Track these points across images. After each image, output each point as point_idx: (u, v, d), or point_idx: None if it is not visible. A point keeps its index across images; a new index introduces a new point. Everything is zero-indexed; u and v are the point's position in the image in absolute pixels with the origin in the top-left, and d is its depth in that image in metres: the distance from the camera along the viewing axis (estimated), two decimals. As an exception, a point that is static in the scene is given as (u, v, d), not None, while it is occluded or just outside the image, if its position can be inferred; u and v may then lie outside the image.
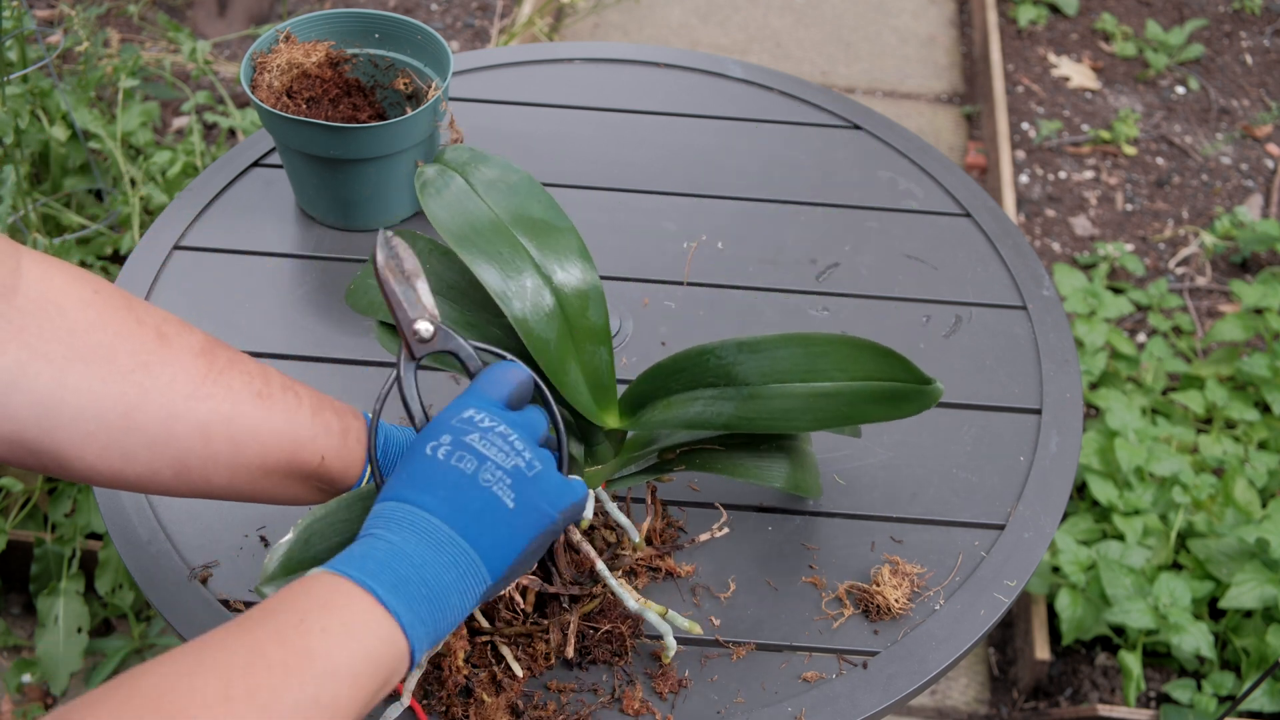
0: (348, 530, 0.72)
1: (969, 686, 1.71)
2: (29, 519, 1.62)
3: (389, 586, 0.61)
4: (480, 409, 0.70)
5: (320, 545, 0.71)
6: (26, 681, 1.63)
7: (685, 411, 0.81)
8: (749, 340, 0.81)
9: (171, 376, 0.69)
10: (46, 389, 0.65)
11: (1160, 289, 2.14)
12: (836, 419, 0.78)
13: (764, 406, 0.79)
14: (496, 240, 0.81)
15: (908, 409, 0.78)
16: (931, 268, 1.17)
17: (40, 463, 0.68)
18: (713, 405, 0.80)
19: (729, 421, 0.79)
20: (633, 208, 1.22)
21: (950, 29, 2.91)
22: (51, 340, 0.65)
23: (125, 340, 0.68)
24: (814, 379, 0.79)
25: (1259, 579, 1.54)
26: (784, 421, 0.78)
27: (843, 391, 0.79)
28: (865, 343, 0.79)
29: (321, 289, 1.12)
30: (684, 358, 0.82)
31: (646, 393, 0.83)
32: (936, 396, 0.78)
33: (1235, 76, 2.75)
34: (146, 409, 0.68)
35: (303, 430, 0.74)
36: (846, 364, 0.79)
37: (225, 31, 2.58)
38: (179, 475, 0.71)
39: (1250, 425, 1.85)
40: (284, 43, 1.15)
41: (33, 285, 0.66)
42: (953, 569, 0.91)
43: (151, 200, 1.84)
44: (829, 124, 1.33)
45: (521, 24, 2.54)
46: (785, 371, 0.80)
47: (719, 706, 0.83)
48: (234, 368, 0.73)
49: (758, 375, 0.80)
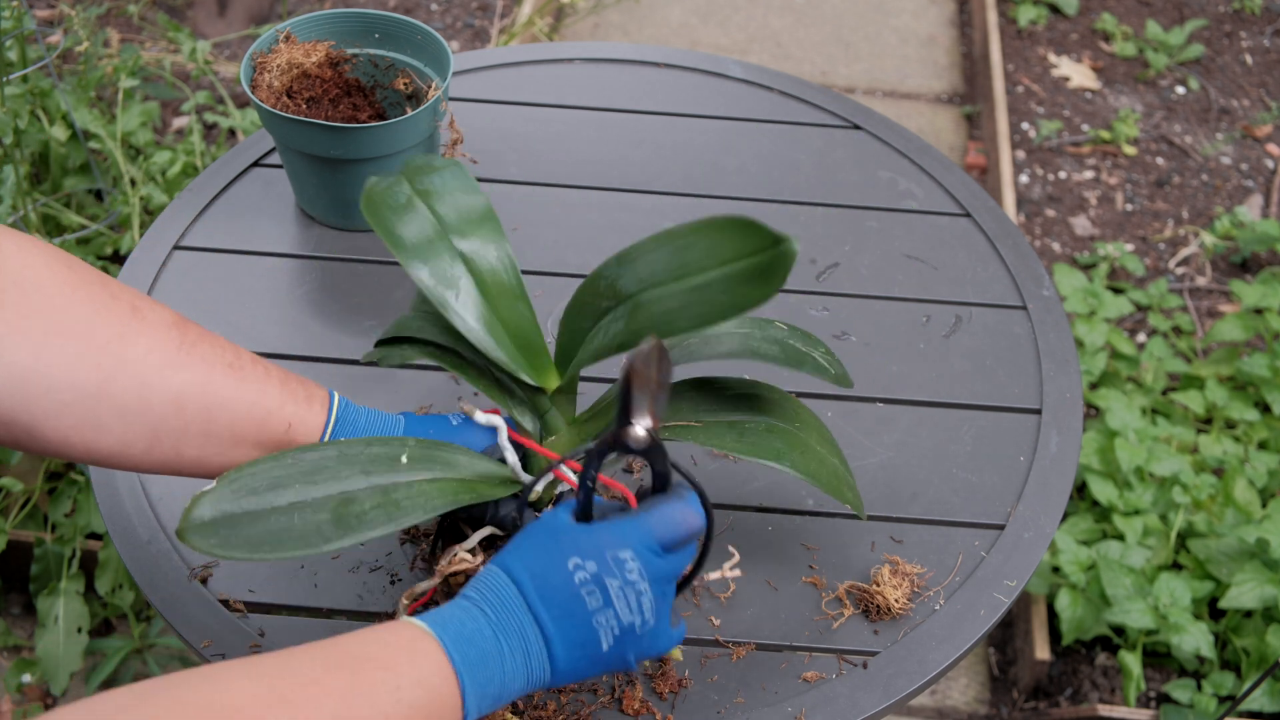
0: (279, 484, 0.70)
1: (969, 686, 1.71)
2: (29, 519, 1.62)
3: (475, 688, 0.64)
4: (638, 554, 0.69)
5: (252, 501, 0.69)
6: (26, 681, 1.63)
7: (591, 343, 0.79)
8: (625, 252, 0.79)
9: (146, 348, 0.71)
10: (25, 363, 0.67)
11: (1160, 289, 2.14)
12: (716, 311, 0.74)
13: (646, 314, 0.77)
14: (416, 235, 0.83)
15: (774, 279, 0.73)
16: (931, 268, 1.17)
17: (13, 435, 0.69)
18: (609, 328, 0.79)
19: (623, 340, 0.76)
20: (633, 208, 1.22)
21: (950, 29, 2.91)
22: (30, 316, 0.67)
23: (101, 315, 0.70)
24: (686, 274, 0.76)
25: (1259, 579, 1.54)
26: (666, 325, 0.75)
27: (714, 280, 0.75)
28: (723, 220, 0.76)
29: (321, 289, 1.12)
30: (581, 290, 0.81)
31: (569, 343, 0.82)
32: (792, 253, 0.72)
33: (1235, 76, 2.75)
34: (122, 380, 0.70)
35: (271, 399, 0.75)
36: (713, 250, 0.76)
37: (225, 31, 2.58)
38: (151, 446, 0.72)
39: (1250, 425, 1.85)
40: (284, 43, 1.15)
41: (10, 262, 0.67)
42: (953, 569, 0.91)
43: (151, 200, 1.84)
44: (829, 124, 1.33)
45: (521, 24, 2.54)
46: (659, 274, 0.77)
47: (719, 706, 0.83)
48: (205, 340, 0.74)
49: (636, 284, 0.78)
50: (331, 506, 0.71)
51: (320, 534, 0.69)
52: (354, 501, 0.71)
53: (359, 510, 0.71)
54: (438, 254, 0.82)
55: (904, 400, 1.04)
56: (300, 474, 0.71)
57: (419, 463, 0.75)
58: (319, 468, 0.72)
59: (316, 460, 0.72)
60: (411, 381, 1.04)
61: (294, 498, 0.70)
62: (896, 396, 1.04)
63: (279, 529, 0.69)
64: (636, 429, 0.70)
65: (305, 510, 0.70)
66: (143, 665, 1.62)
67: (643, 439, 0.70)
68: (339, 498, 0.71)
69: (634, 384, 0.69)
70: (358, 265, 1.15)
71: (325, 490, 0.71)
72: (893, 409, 1.03)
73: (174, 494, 0.94)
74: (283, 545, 0.68)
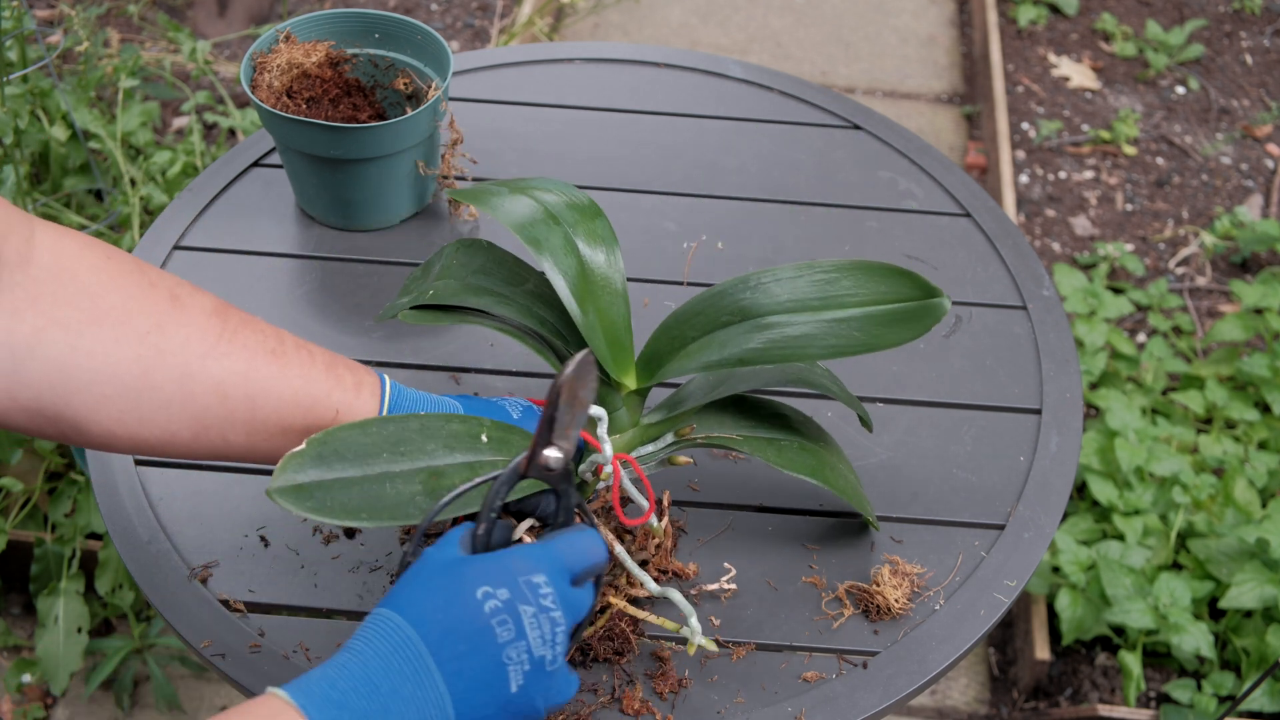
0: (367, 453, 0.69)
1: (969, 686, 1.71)
2: (29, 519, 1.62)
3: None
4: (552, 579, 0.64)
5: (343, 468, 0.68)
6: (26, 681, 1.63)
7: (702, 355, 0.81)
8: (760, 272, 0.81)
9: (186, 337, 0.70)
10: (62, 354, 0.66)
11: (1160, 289, 2.14)
12: (852, 345, 0.78)
13: (778, 335, 0.79)
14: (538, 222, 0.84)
15: (918, 327, 0.78)
16: (931, 268, 1.17)
17: (59, 430, 0.68)
18: (728, 342, 0.80)
19: (745, 355, 0.78)
20: (633, 208, 1.22)
21: (950, 29, 2.91)
22: (66, 306, 0.66)
23: (138, 303, 0.69)
24: (827, 306, 0.80)
25: (1259, 579, 1.54)
26: (800, 350, 0.78)
27: (855, 316, 0.79)
28: (875, 264, 0.80)
29: (321, 289, 1.13)
30: (698, 300, 0.83)
31: (663, 349, 0.83)
32: (943, 310, 0.78)
33: (1235, 76, 2.75)
34: (162, 369, 0.68)
35: (318, 386, 0.74)
36: (858, 288, 0.80)
37: (225, 31, 2.58)
38: (197, 436, 0.71)
39: (1250, 425, 1.85)
40: (284, 43, 1.15)
41: (46, 254, 0.67)
42: (953, 569, 0.91)
43: (151, 200, 1.84)
44: (829, 124, 1.33)
45: (521, 24, 2.54)
46: (798, 300, 0.80)
47: (719, 706, 0.83)
48: (247, 327, 0.73)
49: (770, 306, 0.80)
50: (421, 479, 0.70)
51: (415, 504, 0.69)
52: (443, 475, 0.71)
53: (449, 485, 0.70)
54: (550, 233, 0.82)
55: (904, 400, 1.04)
56: (386, 444, 0.71)
57: (497, 444, 0.75)
58: (402, 439, 0.71)
59: (398, 431, 0.71)
60: (410, 380, 1.04)
61: (384, 467, 0.69)
62: (896, 396, 1.04)
63: (373, 496, 0.68)
64: (554, 452, 0.68)
65: (396, 480, 0.69)
66: (143, 665, 1.62)
67: (559, 462, 0.68)
68: (427, 470, 0.71)
69: (562, 400, 0.66)
70: (358, 265, 1.15)
71: (413, 463, 0.70)
72: (893, 409, 1.03)
73: (174, 494, 0.94)
74: (378, 513, 0.67)
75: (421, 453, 0.71)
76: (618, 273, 0.84)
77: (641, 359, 0.84)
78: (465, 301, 0.84)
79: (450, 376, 1.04)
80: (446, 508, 0.69)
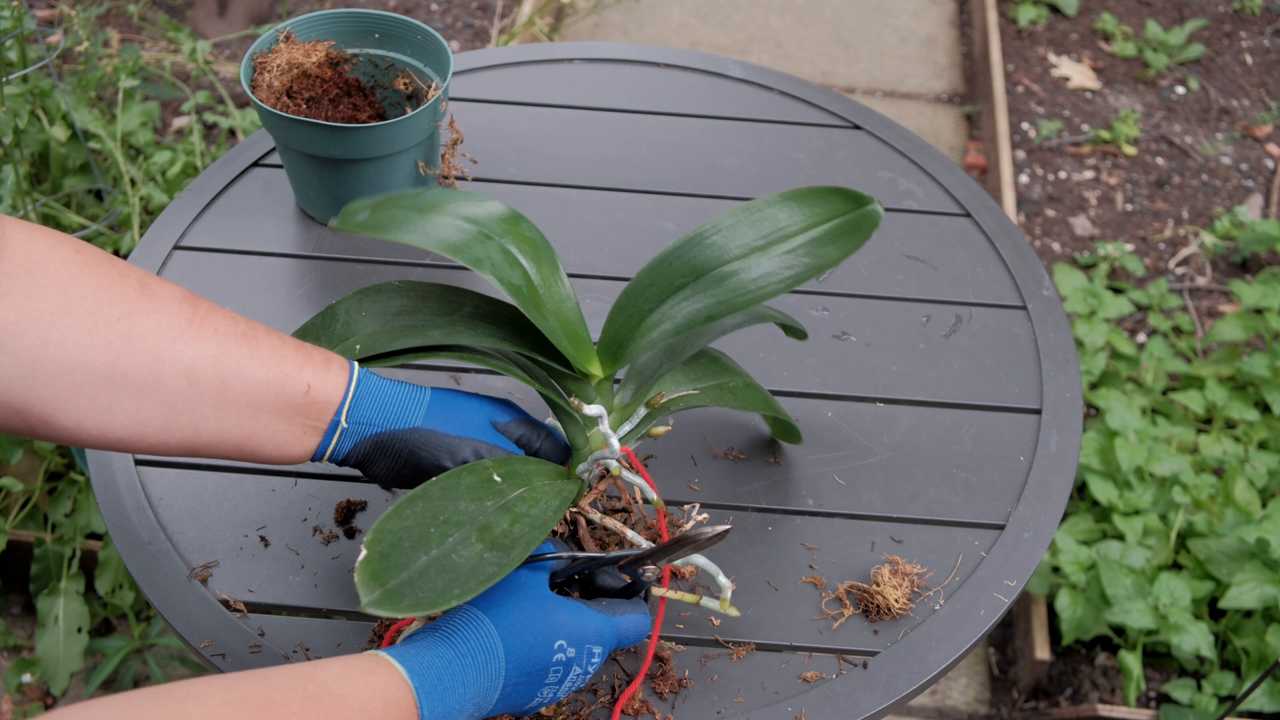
0: (419, 538, 0.70)
1: (969, 686, 1.71)
2: (29, 519, 1.63)
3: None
4: (606, 649, 0.76)
5: (415, 559, 0.69)
6: (26, 681, 1.63)
7: (668, 323, 0.81)
8: (702, 228, 0.82)
9: (157, 323, 0.70)
10: (33, 346, 0.66)
11: (1160, 289, 2.14)
12: (804, 271, 0.80)
13: (736, 283, 0.80)
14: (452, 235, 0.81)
15: (859, 237, 0.81)
16: (931, 268, 1.17)
17: (27, 424, 0.69)
18: (691, 303, 0.81)
19: (712, 310, 0.80)
20: (633, 208, 1.22)
21: (950, 29, 2.91)
22: (38, 299, 0.67)
23: (108, 292, 0.69)
24: (771, 242, 0.81)
25: (1259, 579, 1.54)
26: (760, 290, 0.79)
27: (800, 244, 0.81)
28: (805, 189, 0.83)
29: (321, 289, 1.12)
30: (646, 272, 0.83)
31: (622, 330, 0.83)
32: (878, 214, 0.82)
33: (1235, 76, 2.75)
34: (132, 355, 0.69)
35: (288, 364, 0.74)
36: (793, 217, 0.82)
37: (225, 31, 2.58)
38: (167, 423, 0.71)
39: (1250, 425, 1.85)
40: (284, 43, 1.15)
41: (18, 249, 0.67)
42: (953, 569, 0.91)
43: (151, 200, 1.84)
44: (829, 124, 1.33)
45: (521, 24, 2.54)
46: (745, 244, 0.81)
47: (719, 706, 0.83)
48: (216, 314, 0.74)
49: (718, 257, 0.81)
50: (476, 538, 0.71)
51: (488, 562, 0.70)
52: (491, 527, 0.72)
53: (502, 531, 0.72)
54: (487, 249, 0.80)
55: (904, 400, 1.04)
56: (427, 520, 0.71)
57: (509, 479, 0.76)
58: (435, 509, 0.72)
59: (426, 505, 0.72)
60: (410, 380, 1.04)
61: (441, 543, 0.70)
62: (896, 396, 1.04)
63: (451, 572, 0.69)
64: (655, 571, 0.79)
65: (458, 549, 0.70)
66: (143, 665, 1.62)
67: (651, 576, 0.79)
68: (475, 528, 0.71)
69: (684, 545, 0.76)
70: (357, 265, 1.15)
71: (459, 528, 0.71)
72: (893, 409, 1.03)
73: (174, 494, 0.94)
74: (465, 586, 0.69)
75: (459, 514, 0.72)
76: (558, 268, 0.84)
77: (603, 345, 0.84)
78: (404, 343, 0.83)
79: (450, 376, 1.04)
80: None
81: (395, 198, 0.83)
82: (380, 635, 0.85)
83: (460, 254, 0.78)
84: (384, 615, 0.66)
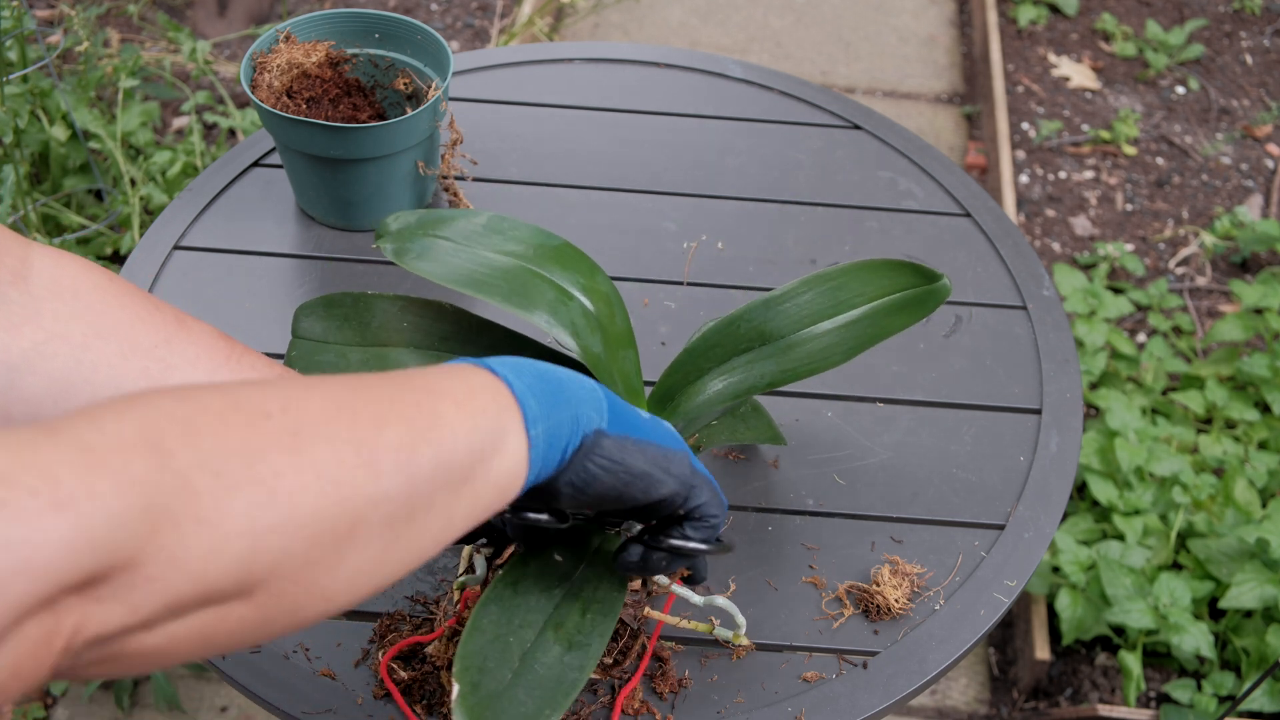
0: (500, 653, 0.69)
1: (969, 686, 1.71)
2: (29, 519, 1.62)
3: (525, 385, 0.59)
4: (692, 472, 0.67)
5: (503, 677, 0.68)
6: (26, 681, 1.63)
7: (726, 386, 0.82)
8: (773, 296, 0.83)
9: (195, 354, 0.69)
10: (66, 367, 0.65)
11: (1160, 289, 2.14)
12: (866, 340, 0.82)
13: (803, 352, 0.82)
14: (508, 278, 0.77)
15: (923, 310, 0.83)
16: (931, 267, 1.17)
17: None
18: (753, 369, 0.82)
19: (773, 379, 0.81)
20: (633, 208, 1.22)
21: (950, 29, 2.91)
22: (69, 321, 0.65)
23: (145, 321, 0.68)
24: (839, 311, 0.83)
25: (1259, 579, 1.54)
26: (824, 360, 0.81)
27: (866, 315, 0.83)
28: (875, 262, 0.84)
29: (321, 289, 1.12)
30: (712, 333, 0.83)
31: (676, 384, 0.83)
32: (946, 292, 0.83)
33: (1235, 76, 2.75)
34: (169, 383, 0.67)
35: None
36: (864, 288, 0.83)
37: (225, 31, 2.58)
38: None
39: (1250, 425, 1.85)
40: (284, 43, 1.15)
41: (45, 274, 0.66)
42: (953, 569, 0.91)
43: (151, 200, 1.84)
44: (829, 124, 1.33)
45: (521, 24, 2.54)
46: (813, 313, 0.83)
47: (719, 706, 0.83)
48: (250, 353, 0.73)
49: (789, 325, 0.83)
50: (553, 639, 0.70)
51: (570, 667, 0.69)
52: (563, 624, 0.71)
53: (575, 625, 0.70)
54: (569, 316, 0.77)
55: (904, 400, 1.04)
56: (503, 631, 0.70)
57: (568, 554, 0.74)
58: (508, 613, 0.70)
59: (498, 612, 0.70)
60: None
61: (522, 652, 0.69)
62: (896, 396, 1.04)
63: (539, 687, 0.68)
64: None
65: (539, 654, 0.69)
66: (143, 665, 1.62)
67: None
68: (548, 626, 0.70)
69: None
70: (358, 265, 1.15)
71: (532, 628, 0.70)
72: (893, 409, 1.03)
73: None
74: (556, 703, 0.67)
75: (531, 610, 0.71)
76: (624, 321, 0.82)
77: (654, 396, 0.84)
78: None
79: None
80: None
81: (444, 220, 0.78)
82: (381, 635, 0.85)
83: (538, 313, 0.75)
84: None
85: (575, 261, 0.80)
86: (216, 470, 0.44)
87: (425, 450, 0.53)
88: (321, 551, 0.48)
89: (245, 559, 0.45)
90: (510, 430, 0.57)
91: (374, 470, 0.50)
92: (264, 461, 0.46)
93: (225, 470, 0.45)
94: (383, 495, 0.50)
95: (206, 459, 0.44)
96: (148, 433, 0.43)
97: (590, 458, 0.61)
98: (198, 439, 0.45)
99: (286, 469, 0.46)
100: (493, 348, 0.79)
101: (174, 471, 0.43)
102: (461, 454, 0.54)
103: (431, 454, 0.53)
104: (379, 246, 0.78)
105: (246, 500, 0.45)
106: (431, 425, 0.53)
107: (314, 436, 0.48)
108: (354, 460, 0.49)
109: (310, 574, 0.48)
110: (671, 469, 0.64)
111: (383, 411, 0.52)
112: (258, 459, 0.46)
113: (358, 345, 0.79)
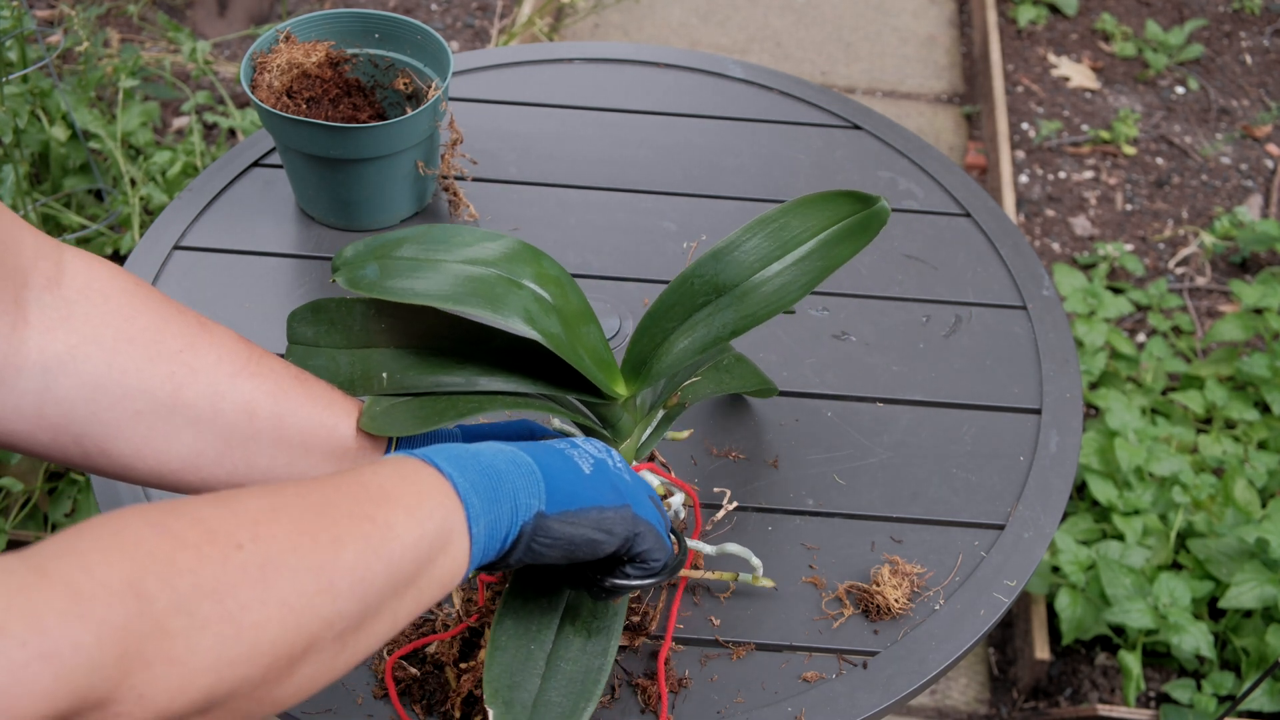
0: (525, 667, 0.72)
1: (969, 686, 1.71)
2: (29, 519, 1.62)
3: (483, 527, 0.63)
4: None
5: (523, 692, 0.71)
6: (26, 681, 1.63)
7: (691, 341, 0.82)
8: (720, 247, 0.83)
9: (218, 357, 0.71)
10: (97, 370, 0.67)
11: (1160, 289, 2.14)
12: (819, 273, 0.82)
13: (759, 296, 0.82)
14: (470, 285, 0.79)
15: (869, 234, 0.83)
16: (931, 268, 1.17)
17: (83, 450, 0.68)
18: (714, 320, 0.82)
19: (736, 325, 0.81)
20: (633, 208, 1.22)
21: (950, 29, 2.91)
22: (101, 325, 0.67)
23: (170, 325, 0.70)
24: (787, 250, 0.83)
25: (1259, 579, 1.54)
26: (780, 300, 0.81)
27: (814, 249, 0.83)
28: (813, 196, 0.85)
29: (321, 289, 1.12)
30: (669, 294, 0.83)
31: (646, 350, 0.84)
32: (886, 213, 0.84)
33: (1235, 76, 2.75)
34: (194, 386, 0.70)
35: (339, 406, 0.75)
36: (807, 223, 0.84)
37: (225, 31, 2.59)
38: (221, 455, 0.72)
39: (1250, 425, 1.85)
40: (284, 43, 1.15)
41: (78, 277, 0.68)
42: (953, 569, 0.91)
43: (151, 200, 1.84)
44: (829, 124, 1.33)
45: (521, 24, 2.54)
46: (762, 257, 0.83)
47: (719, 706, 0.83)
48: (270, 356, 0.75)
49: (741, 272, 0.83)
50: (574, 634, 0.74)
51: (596, 654, 0.73)
52: (578, 614, 0.75)
53: (589, 611, 0.75)
54: (521, 302, 0.79)
55: (904, 400, 1.04)
56: (523, 640, 0.73)
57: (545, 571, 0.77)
58: (523, 621, 0.73)
59: (513, 624, 0.73)
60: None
61: (545, 655, 0.73)
62: (896, 396, 1.04)
63: (575, 680, 0.72)
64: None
65: (563, 652, 0.73)
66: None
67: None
68: (565, 621, 0.74)
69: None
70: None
71: (550, 633, 0.74)
72: (893, 409, 1.03)
73: (174, 495, 0.94)
74: (589, 686, 0.71)
75: (542, 610, 0.74)
76: (579, 298, 0.83)
77: (626, 365, 0.84)
78: (438, 379, 0.80)
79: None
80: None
81: (394, 242, 0.80)
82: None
83: (496, 308, 0.77)
84: None
85: (521, 254, 0.82)
86: (190, 611, 0.49)
87: (378, 566, 0.57)
88: (277, 672, 0.52)
89: (208, 691, 0.49)
90: (455, 530, 0.62)
91: (332, 594, 0.54)
92: (233, 597, 0.50)
93: (198, 611, 0.49)
94: (338, 615, 0.55)
95: (182, 601, 0.48)
96: (131, 576, 0.47)
97: (535, 539, 0.65)
98: (175, 580, 0.49)
99: (252, 603, 0.51)
100: (464, 341, 0.82)
101: (151, 617, 0.47)
102: (409, 562, 0.59)
103: (383, 568, 0.57)
104: (334, 280, 0.79)
105: (214, 636, 0.49)
106: (385, 539, 0.58)
107: (279, 568, 0.53)
108: (314, 587, 0.54)
109: (264, 691, 0.52)
110: (614, 529, 0.68)
111: (341, 532, 0.56)
112: (228, 595, 0.50)
113: (345, 348, 0.81)
